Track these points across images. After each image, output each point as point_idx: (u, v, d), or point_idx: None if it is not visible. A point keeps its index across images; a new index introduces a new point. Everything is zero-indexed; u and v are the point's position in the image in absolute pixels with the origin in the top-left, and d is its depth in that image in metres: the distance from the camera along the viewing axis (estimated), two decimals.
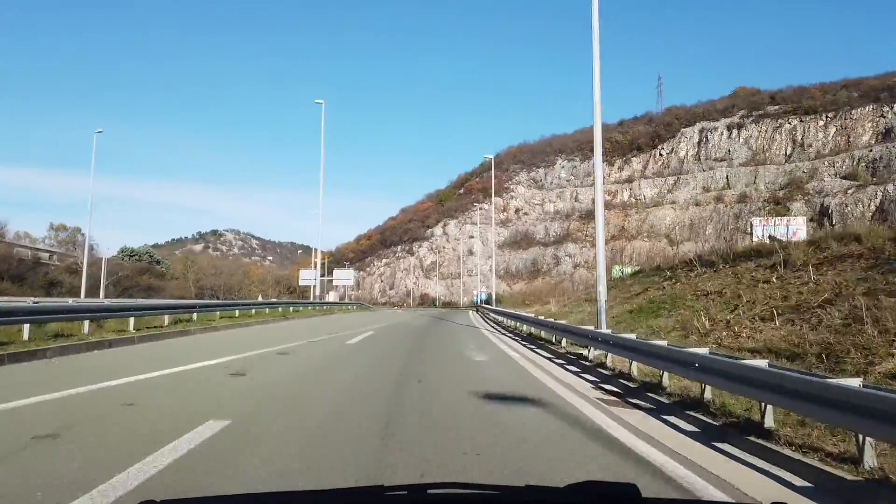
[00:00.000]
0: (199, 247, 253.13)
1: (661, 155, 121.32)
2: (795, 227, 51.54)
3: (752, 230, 50.04)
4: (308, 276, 55.66)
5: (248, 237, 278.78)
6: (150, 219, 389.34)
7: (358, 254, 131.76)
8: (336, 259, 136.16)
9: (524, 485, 1.70)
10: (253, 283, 77.73)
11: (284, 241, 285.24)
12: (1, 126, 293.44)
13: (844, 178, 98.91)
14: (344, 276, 60.56)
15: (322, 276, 60.26)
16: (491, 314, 37.15)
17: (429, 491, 1.63)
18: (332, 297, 55.64)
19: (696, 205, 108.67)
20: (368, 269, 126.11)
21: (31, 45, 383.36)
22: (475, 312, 47.99)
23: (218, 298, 68.87)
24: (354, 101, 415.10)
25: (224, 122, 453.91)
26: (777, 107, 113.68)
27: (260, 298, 56.75)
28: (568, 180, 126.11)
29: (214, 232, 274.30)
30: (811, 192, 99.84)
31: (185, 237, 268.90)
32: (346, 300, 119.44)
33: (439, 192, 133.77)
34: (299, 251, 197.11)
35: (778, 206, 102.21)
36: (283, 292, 74.59)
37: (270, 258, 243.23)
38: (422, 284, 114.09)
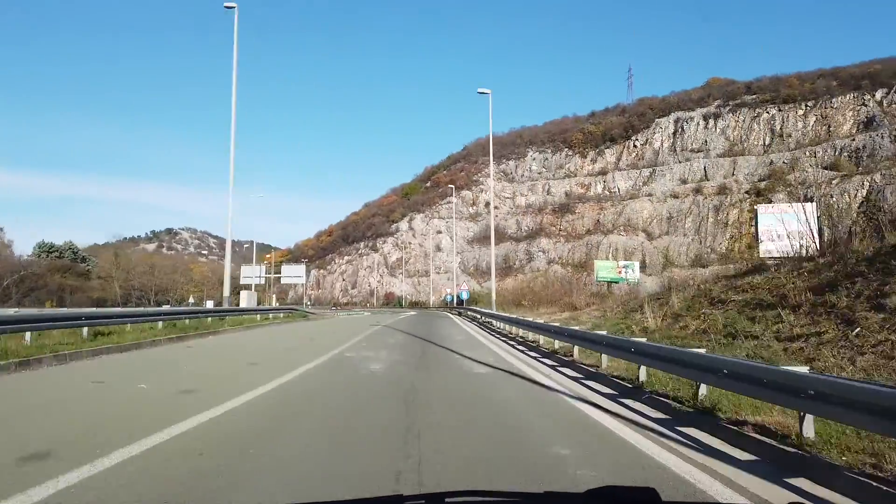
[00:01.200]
0: (152, 246, 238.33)
1: (635, 146, 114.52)
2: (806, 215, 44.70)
3: (756, 218, 42.71)
4: (249, 274, 46.29)
5: (205, 236, 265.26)
6: (103, 217, 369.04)
7: (318, 251, 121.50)
8: (295, 257, 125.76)
9: (543, 491, 1.58)
10: (192, 283, 66.94)
11: (245, 239, 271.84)
12: None
13: (827, 168, 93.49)
14: (294, 274, 50.82)
15: (269, 274, 50.73)
16: (496, 322, 25.47)
17: (447, 500, 1.55)
18: (245, 298, 44.32)
19: (674, 197, 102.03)
20: (329, 267, 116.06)
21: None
22: (460, 317, 36.85)
23: (149, 301, 58.93)
24: (315, 99, 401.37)
25: (185, 122, 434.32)
26: (754, 96, 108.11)
27: (191, 301, 47.22)
28: (539, 173, 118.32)
29: (169, 230, 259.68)
30: (794, 183, 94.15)
31: (139, 236, 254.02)
32: (305, 302, 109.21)
33: (404, 185, 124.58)
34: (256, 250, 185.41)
35: (759, 197, 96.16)
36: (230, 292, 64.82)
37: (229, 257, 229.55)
38: (386, 283, 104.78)
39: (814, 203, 55.66)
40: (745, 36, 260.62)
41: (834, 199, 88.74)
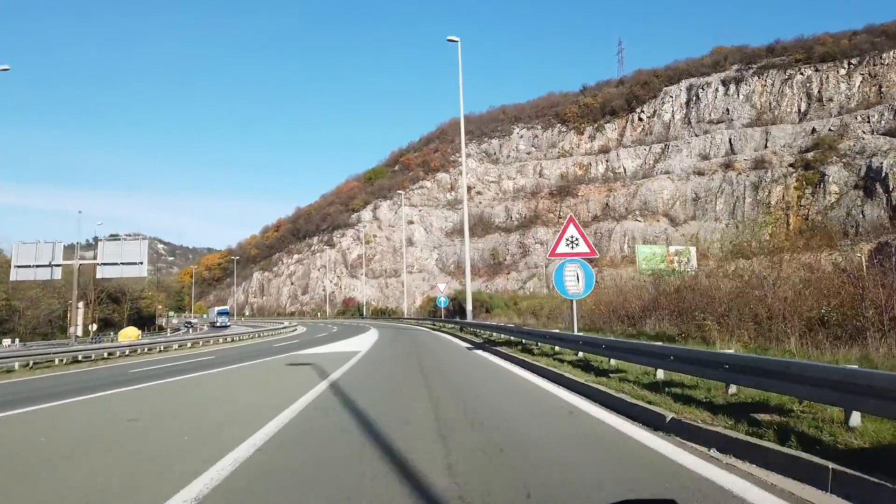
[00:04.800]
0: (91, 253, 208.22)
1: (640, 119, 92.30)
2: None
3: None
4: (29, 260, 21.95)
5: (153, 242, 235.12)
6: (49, 226, 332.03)
7: (263, 250, 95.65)
8: (235, 258, 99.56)
9: None
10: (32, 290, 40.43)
11: (201, 246, 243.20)
12: None
13: (887, 134, 72.69)
14: (126, 258, 25.12)
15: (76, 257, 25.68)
16: None
17: None
18: None
19: (699, 174, 79.89)
20: (275, 268, 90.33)
21: None
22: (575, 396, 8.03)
23: None
24: (274, 86, 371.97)
25: (135, 128, 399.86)
26: (780, 58, 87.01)
27: None
28: (529, 152, 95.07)
29: (114, 236, 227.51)
30: (848, 152, 73.18)
31: (80, 243, 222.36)
32: (245, 313, 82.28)
33: (368, 171, 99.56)
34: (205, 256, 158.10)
35: (809, 171, 74.77)
36: (89, 304, 39.42)
37: (175, 263, 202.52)
38: (346, 285, 79.51)
39: None
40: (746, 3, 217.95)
41: None
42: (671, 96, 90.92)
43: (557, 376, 9.43)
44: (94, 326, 34.23)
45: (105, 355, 19.37)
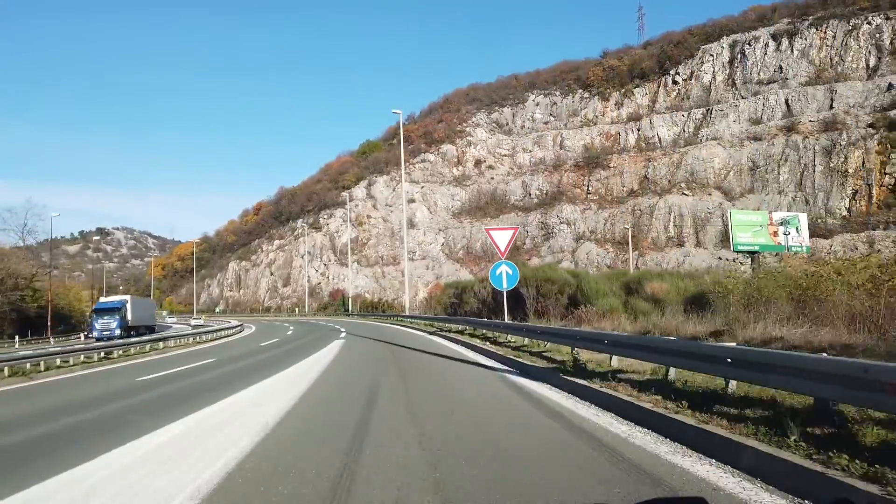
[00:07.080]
0: (75, 247, 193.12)
1: (674, 83, 78.14)
2: None
3: None
4: None
5: (143, 236, 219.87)
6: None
7: (242, 236, 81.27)
8: (212, 247, 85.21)
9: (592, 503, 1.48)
10: None
11: (194, 240, 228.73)
12: None
13: None
14: None
15: None
16: None
17: None
18: None
19: (755, 139, 65.75)
20: (254, 257, 75.99)
21: None
22: None
23: None
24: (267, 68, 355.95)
25: (130, 123, 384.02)
26: (840, 8, 72.64)
27: None
28: (546, 122, 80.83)
29: (101, 230, 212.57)
30: None
31: (64, 237, 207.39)
32: (219, 309, 68.07)
33: (363, 144, 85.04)
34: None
35: (894, 132, 60.95)
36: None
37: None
38: (334, 275, 65.25)
39: None
40: None
41: None
42: (711, 55, 76.69)
43: None
44: None
45: None
